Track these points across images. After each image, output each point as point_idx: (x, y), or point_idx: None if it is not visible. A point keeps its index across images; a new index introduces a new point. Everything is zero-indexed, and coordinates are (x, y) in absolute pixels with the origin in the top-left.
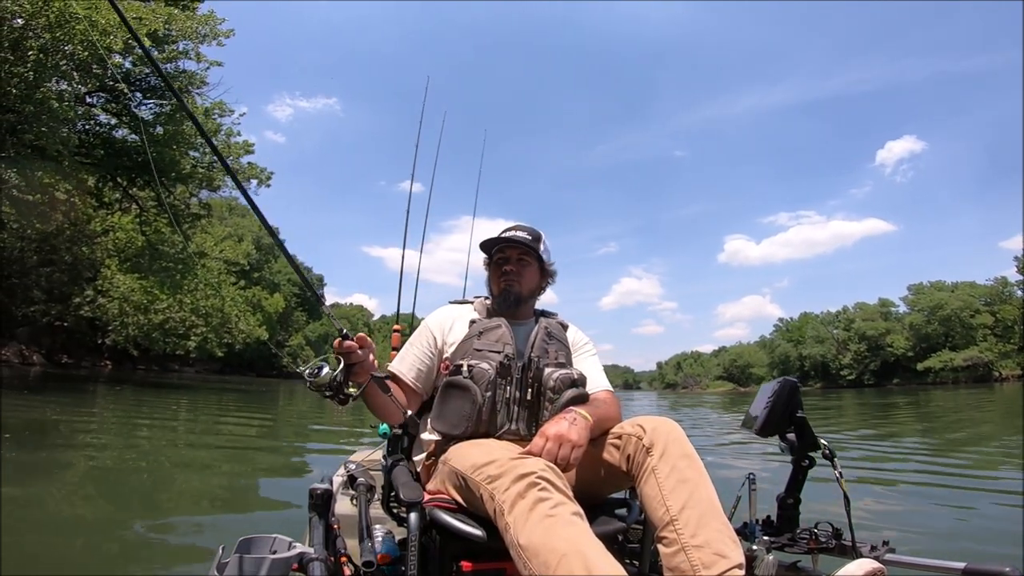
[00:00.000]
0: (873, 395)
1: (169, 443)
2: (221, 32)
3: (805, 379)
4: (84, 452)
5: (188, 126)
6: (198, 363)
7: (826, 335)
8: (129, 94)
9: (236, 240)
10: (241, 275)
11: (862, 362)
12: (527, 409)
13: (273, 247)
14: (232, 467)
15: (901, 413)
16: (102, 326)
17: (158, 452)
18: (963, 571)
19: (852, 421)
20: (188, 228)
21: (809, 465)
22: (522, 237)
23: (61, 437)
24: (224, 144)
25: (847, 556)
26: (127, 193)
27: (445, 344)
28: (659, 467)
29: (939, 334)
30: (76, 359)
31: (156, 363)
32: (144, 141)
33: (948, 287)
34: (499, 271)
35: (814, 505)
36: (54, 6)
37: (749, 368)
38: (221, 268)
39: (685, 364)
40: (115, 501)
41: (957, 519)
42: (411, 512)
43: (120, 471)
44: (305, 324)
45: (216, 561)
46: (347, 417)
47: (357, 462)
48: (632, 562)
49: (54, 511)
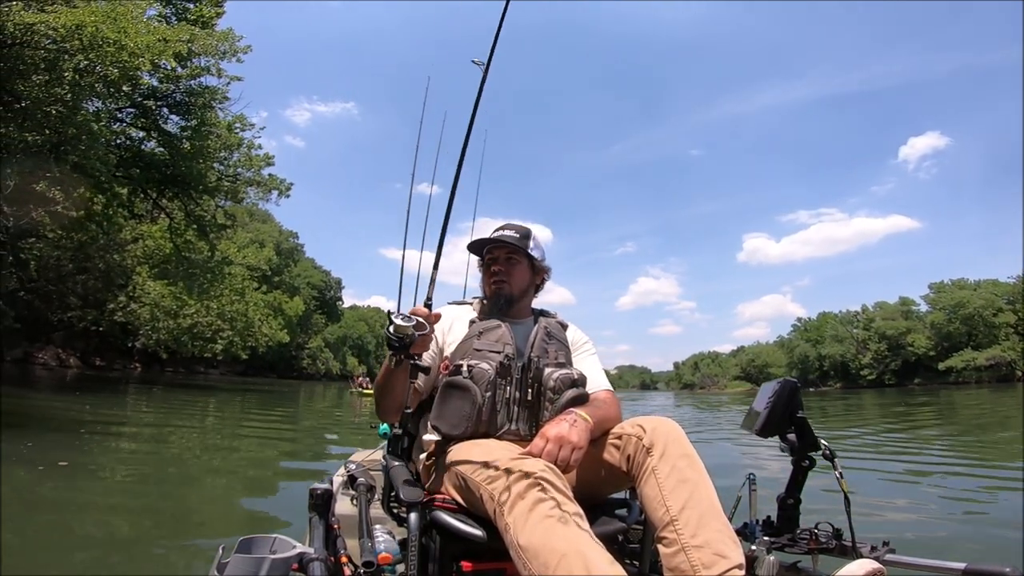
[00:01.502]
0: (893, 395)
1: (195, 443)
2: (239, 48)
3: (825, 379)
4: (101, 450)
5: (213, 140)
6: (222, 365)
7: (845, 335)
8: (156, 109)
9: (258, 246)
10: (262, 280)
11: (882, 362)
12: (527, 409)
13: (293, 251)
14: (245, 466)
15: (910, 412)
16: (133, 330)
17: (181, 452)
18: (963, 571)
19: (862, 420)
20: (214, 237)
21: (809, 465)
22: (509, 236)
23: (96, 435)
24: (246, 156)
25: (847, 556)
26: (157, 204)
27: (445, 344)
28: (659, 467)
29: (961, 333)
30: (108, 361)
31: (183, 365)
32: (171, 156)
33: (970, 285)
34: (488, 272)
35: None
36: (87, 31)
37: (767, 368)
38: (244, 274)
39: (703, 364)
40: (116, 501)
41: (959, 518)
42: (411, 512)
43: (132, 471)
44: (324, 326)
45: (216, 561)
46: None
47: (357, 462)
48: (632, 562)
49: (54, 511)
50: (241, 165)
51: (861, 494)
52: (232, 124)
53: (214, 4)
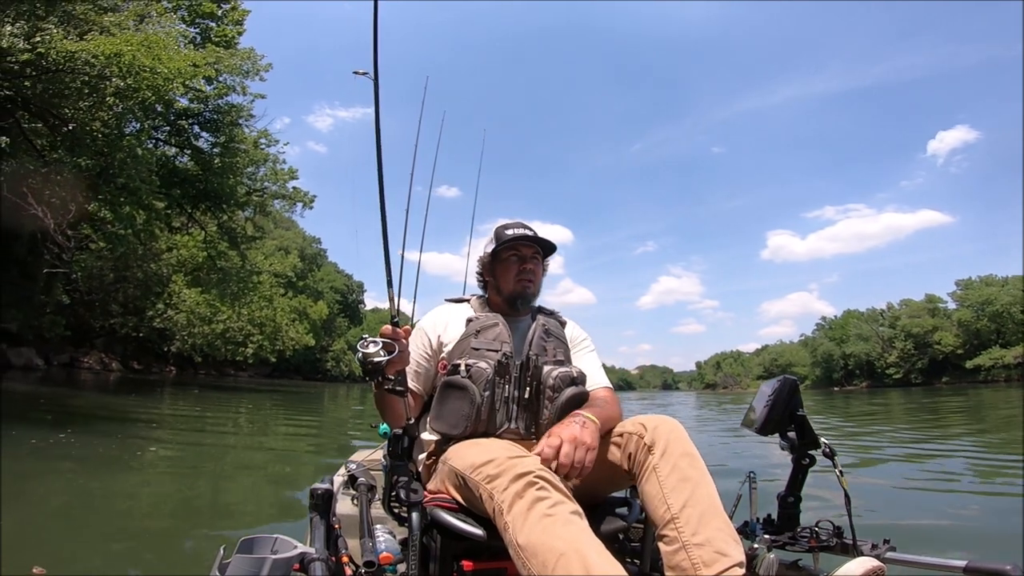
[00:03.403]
0: (920, 394)
1: (248, 439)
2: (261, 67)
3: (850, 378)
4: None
5: (242, 157)
6: (250, 368)
7: (870, 333)
8: (188, 128)
9: (283, 253)
10: (288, 285)
11: (909, 360)
12: (526, 408)
13: (316, 256)
14: (277, 461)
15: (928, 410)
16: (170, 335)
17: (241, 444)
18: (964, 569)
19: (886, 420)
20: (245, 248)
21: (809, 463)
22: (543, 238)
23: (181, 430)
24: (271, 171)
25: (848, 554)
26: (192, 217)
27: (442, 344)
28: (660, 466)
29: (990, 330)
30: (145, 365)
31: (214, 368)
32: (203, 172)
33: (998, 282)
34: (517, 269)
35: None
36: (125, 59)
37: (791, 367)
38: (272, 281)
39: (724, 364)
40: (121, 502)
41: (960, 515)
42: (412, 512)
43: (145, 471)
44: (347, 330)
45: (217, 561)
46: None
47: (358, 462)
48: (633, 561)
49: (56, 510)
50: (267, 179)
51: (860, 496)
52: (257, 140)
53: (235, 23)
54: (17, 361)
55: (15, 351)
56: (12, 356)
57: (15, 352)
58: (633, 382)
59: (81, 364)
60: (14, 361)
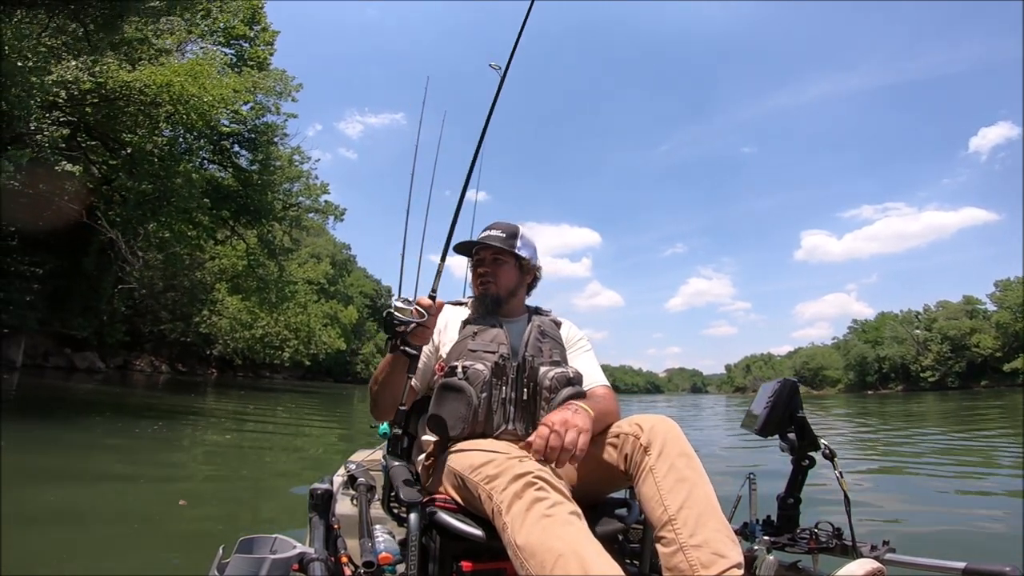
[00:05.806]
0: (956, 398)
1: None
2: (293, 87)
3: (885, 381)
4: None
5: (279, 174)
6: (285, 370)
7: (905, 335)
8: (229, 147)
9: (315, 260)
10: (320, 291)
11: (945, 363)
12: (524, 409)
13: (346, 262)
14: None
15: (961, 413)
16: (213, 339)
17: (225, 451)
18: (963, 571)
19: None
20: (282, 259)
21: (809, 465)
22: (495, 237)
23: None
24: (305, 186)
25: (847, 556)
26: (234, 231)
27: (441, 344)
28: (657, 466)
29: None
30: (189, 367)
31: (251, 370)
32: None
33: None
34: (475, 274)
35: None
36: (174, 88)
37: (822, 370)
38: (306, 288)
39: (755, 367)
40: (122, 502)
41: (960, 517)
42: (411, 512)
43: (159, 471)
44: (376, 333)
45: (216, 561)
46: None
47: (357, 462)
48: (632, 562)
49: (57, 509)
50: (302, 194)
51: (859, 494)
52: (291, 156)
53: (266, 43)
54: (81, 364)
55: (80, 355)
56: (77, 360)
57: (80, 356)
58: (661, 385)
59: (134, 366)
60: (78, 364)
